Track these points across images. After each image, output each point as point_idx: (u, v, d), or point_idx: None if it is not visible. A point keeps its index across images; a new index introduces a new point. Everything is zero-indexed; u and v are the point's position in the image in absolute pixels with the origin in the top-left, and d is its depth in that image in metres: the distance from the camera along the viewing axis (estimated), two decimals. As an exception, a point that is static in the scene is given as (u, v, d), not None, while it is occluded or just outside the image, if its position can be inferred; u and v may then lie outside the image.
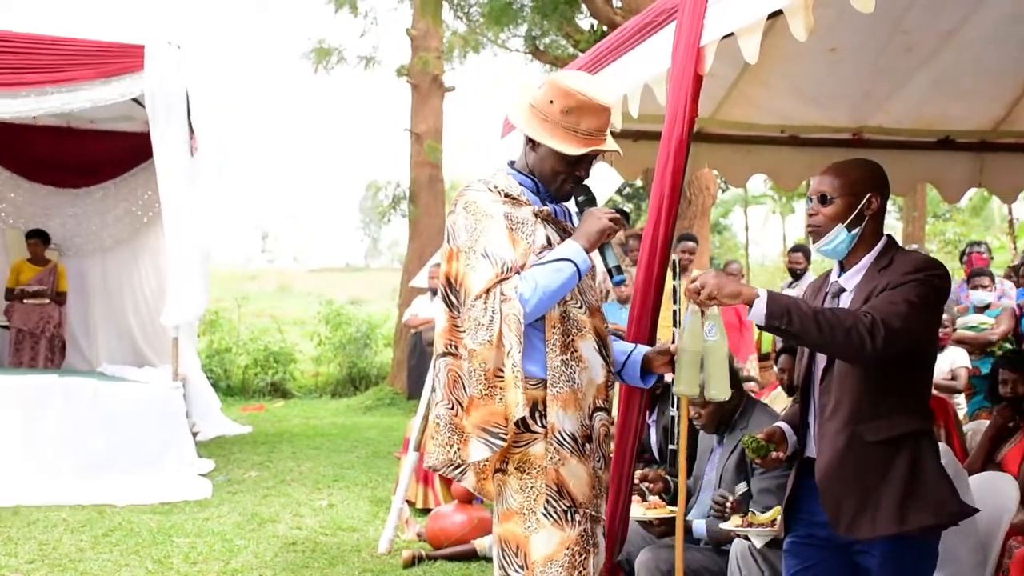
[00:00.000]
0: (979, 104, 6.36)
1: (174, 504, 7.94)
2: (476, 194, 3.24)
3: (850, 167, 3.24)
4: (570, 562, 3.14)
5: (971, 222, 28.26)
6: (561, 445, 3.16)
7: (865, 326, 2.93)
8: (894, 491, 3.04)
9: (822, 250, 3.24)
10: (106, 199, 12.07)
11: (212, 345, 16.82)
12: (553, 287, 3.12)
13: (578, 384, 3.20)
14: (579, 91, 3.18)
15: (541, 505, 3.16)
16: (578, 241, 3.21)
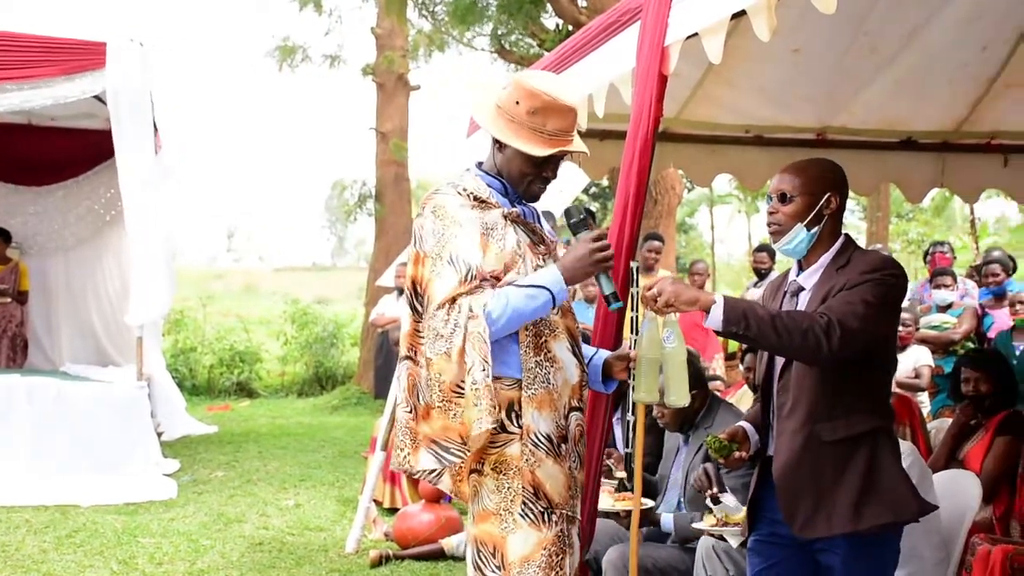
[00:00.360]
0: (941, 105, 6.44)
1: (139, 504, 7.89)
2: (444, 198, 3.21)
3: (809, 166, 3.25)
4: (547, 562, 3.14)
5: (934, 222, 28.56)
6: (536, 446, 3.16)
7: (821, 328, 2.95)
8: (850, 490, 3.06)
9: (782, 249, 3.26)
10: (68, 197, 11.95)
11: (177, 344, 16.70)
12: (524, 312, 3.11)
13: (553, 385, 3.19)
14: (545, 92, 3.16)
15: (518, 506, 3.15)
16: (562, 272, 3.17)
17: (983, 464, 4.93)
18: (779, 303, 3.29)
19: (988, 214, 29.56)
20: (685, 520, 4.43)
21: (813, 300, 3.15)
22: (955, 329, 8.35)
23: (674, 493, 4.75)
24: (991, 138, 6.81)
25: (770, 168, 6.93)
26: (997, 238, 26.82)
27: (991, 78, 6.13)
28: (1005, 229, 29.59)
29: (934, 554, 4.04)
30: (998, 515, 4.93)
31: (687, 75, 5.85)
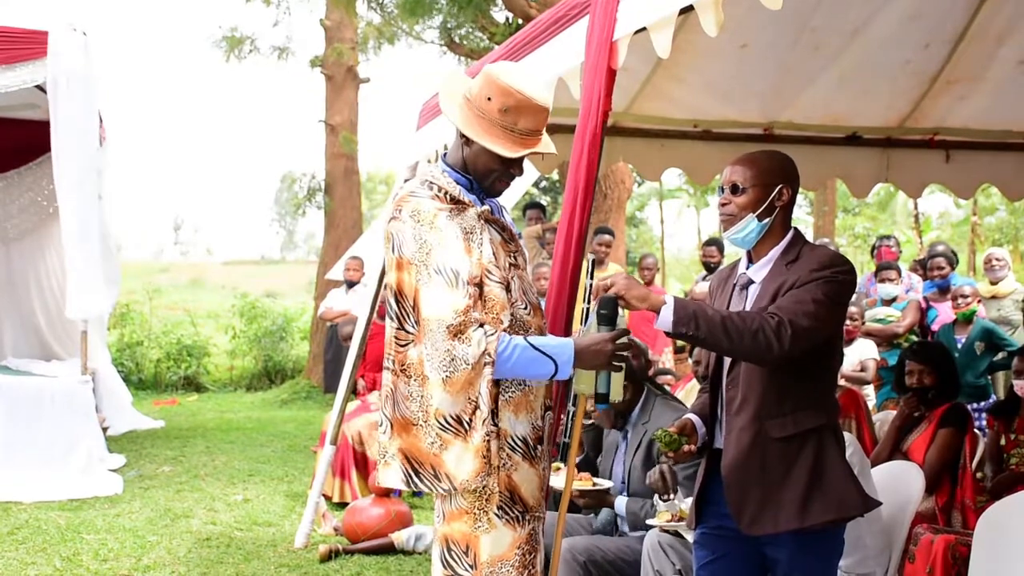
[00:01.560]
0: (885, 101, 6.53)
1: (84, 500, 7.79)
2: (421, 201, 3.12)
3: (762, 158, 3.26)
4: (520, 561, 3.15)
5: (879, 217, 28.97)
6: (513, 450, 3.14)
7: (772, 328, 2.95)
8: (797, 487, 3.08)
9: (732, 239, 3.26)
10: (10, 189, 11.74)
11: (123, 338, 16.50)
12: (523, 373, 3.08)
13: (528, 386, 3.18)
14: (519, 90, 3.10)
15: (494, 505, 3.13)
16: (576, 353, 3.11)
17: (926, 455, 5.00)
18: (728, 296, 3.30)
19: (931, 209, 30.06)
20: (636, 506, 4.46)
21: (763, 295, 3.16)
22: (899, 322, 8.47)
23: (617, 489, 4.78)
24: (934, 134, 6.92)
25: (719, 163, 6.99)
26: (940, 232, 27.28)
27: (933, 75, 6.23)
28: (948, 224, 30.08)
29: (877, 543, 4.09)
30: (940, 505, 5.01)
31: (636, 70, 5.88)
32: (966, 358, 7.67)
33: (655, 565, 4.11)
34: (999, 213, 25.86)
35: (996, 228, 25.97)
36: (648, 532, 4.26)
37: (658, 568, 4.10)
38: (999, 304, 8.73)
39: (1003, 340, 7.80)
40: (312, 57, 16.77)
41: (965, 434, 5.09)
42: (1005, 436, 5.40)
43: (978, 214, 24.30)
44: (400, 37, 16.40)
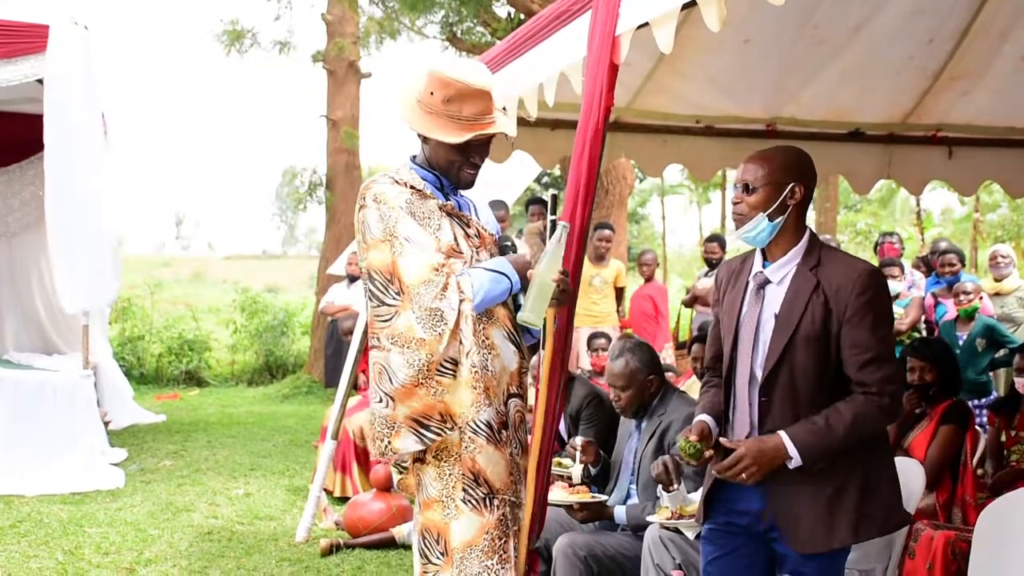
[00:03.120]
0: (887, 97, 6.51)
1: (85, 494, 7.80)
2: (383, 186, 3.28)
3: (775, 155, 3.23)
4: (490, 547, 3.20)
5: (880, 213, 28.93)
6: (476, 433, 3.20)
7: (875, 410, 3.03)
8: (849, 503, 3.09)
9: (743, 238, 3.24)
10: (11, 183, 11.73)
11: (124, 333, 16.50)
12: (492, 295, 3.22)
13: (491, 372, 3.24)
14: (455, 78, 3.23)
15: (459, 492, 3.20)
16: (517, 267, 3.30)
17: (927, 452, 5.01)
18: (741, 292, 3.27)
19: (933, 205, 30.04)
20: (636, 511, 4.46)
21: (789, 305, 3.13)
22: (902, 319, 8.47)
23: (626, 478, 4.79)
24: (936, 131, 6.91)
25: (720, 159, 7.00)
26: (942, 229, 27.25)
27: (937, 71, 6.22)
28: (950, 220, 30.06)
29: (878, 540, 4.09)
30: (941, 502, 5.01)
31: (638, 65, 5.87)
32: (967, 355, 7.67)
33: (655, 559, 4.11)
34: (1001, 210, 25.83)
35: (998, 225, 25.93)
36: (649, 527, 4.26)
37: (658, 562, 4.10)
38: (1002, 301, 8.72)
39: (1004, 337, 7.80)
40: (314, 52, 16.73)
41: (966, 431, 5.09)
42: (1006, 433, 5.41)
43: (980, 211, 24.27)
44: (402, 32, 16.36)
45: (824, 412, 3.05)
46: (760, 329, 3.18)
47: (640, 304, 10.67)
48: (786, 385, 3.13)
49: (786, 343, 3.10)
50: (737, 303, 3.27)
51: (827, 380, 3.11)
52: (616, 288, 10.09)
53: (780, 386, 3.14)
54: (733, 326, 3.25)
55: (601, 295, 9.87)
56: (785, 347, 3.11)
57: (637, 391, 4.68)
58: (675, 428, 4.50)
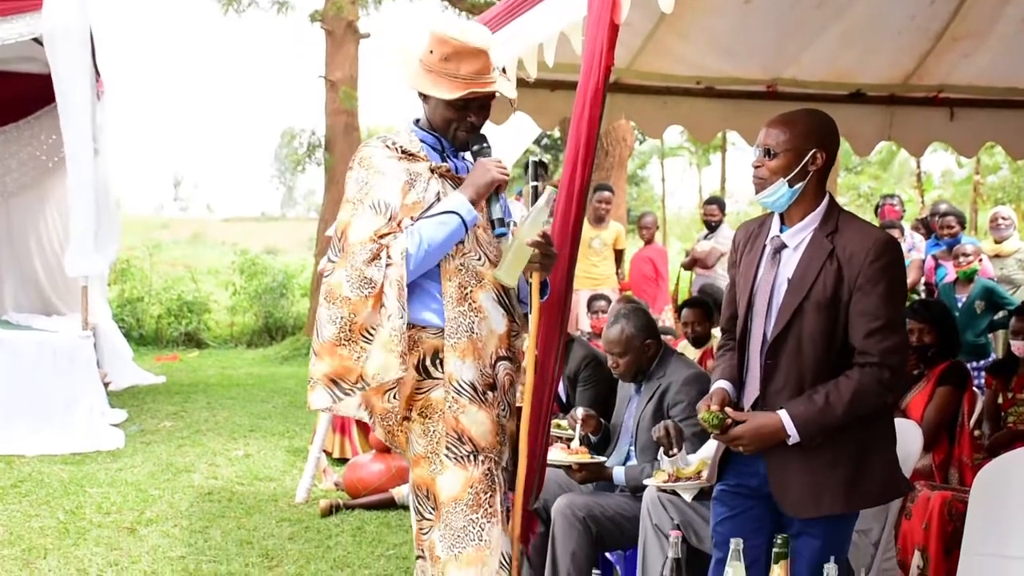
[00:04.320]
0: (889, 58, 6.47)
1: (86, 454, 7.83)
2: (371, 150, 3.34)
3: (798, 120, 3.19)
4: (475, 500, 3.24)
5: (882, 176, 28.85)
6: (459, 393, 3.26)
7: (875, 383, 3.04)
8: (844, 471, 3.11)
9: (762, 202, 3.23)
10: (8, 143, 11.68)
11: (124, 294, 16.51)
12: (438, 239, 3.22)
13: (477, 334, 3.29)
14: (453, 37, 3.26)
15: (443, 447, 3.25)
16: (464, 192, 3.29)
17: (924, 413, 5.02)
18: (757, 255, 3.27)
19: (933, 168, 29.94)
20: (635, 472, 4.47)
21: (803, 269, 3.13)
22: (900, 281, 8.44)
23: (625, 440, 4.80)
24: (938, 91, 6.87)
25: (720, 120, 6.96)
26: (942, 191, 27.18)
27: (939, 31, 6.17)
28: (950, 183, 29.99)
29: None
30: (938, 463, 5.03)
31: (639, 25, 5.82)
32: (966, 317, 7.68)
33: (654, 520, 4.13)
34: (1002, 172, 25.73)
35: (998, 187, 25.84)
36: (647, 488, 4.28)
37: (657, 523, 4.12)
38: (1002, 263, 8.71)
39: (1003, 299, 7.80)
40: (312, 12, 16.59)
41: (963, 392, 5.11)
42: (1003, 394, 5.42)
43: (980, 173, 24.20)
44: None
45: (825, 388, 3.06)
46: (774, 293, 3.19)
47: (640, 266, 10.66)
48: (793, 350, 3.13)
49: (796, 308, 3.11)
50: (753, 266, 3.26)
51: (834, 348, 3.11)
52: (615, 250, 10.08)
53: (787, 350, 3.14)
54: (748, 289, 3.26)
55: (600, 257, 9.86)
56: (795, 312, 3.11)
57: (635, 357, 4.68)
58: (674, 390, 4.51)
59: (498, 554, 3.26)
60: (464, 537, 3.23)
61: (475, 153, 3.40)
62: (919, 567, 4.34)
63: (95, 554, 5.54)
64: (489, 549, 3.24)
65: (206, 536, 5.87)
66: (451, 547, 3.24)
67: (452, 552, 3.24)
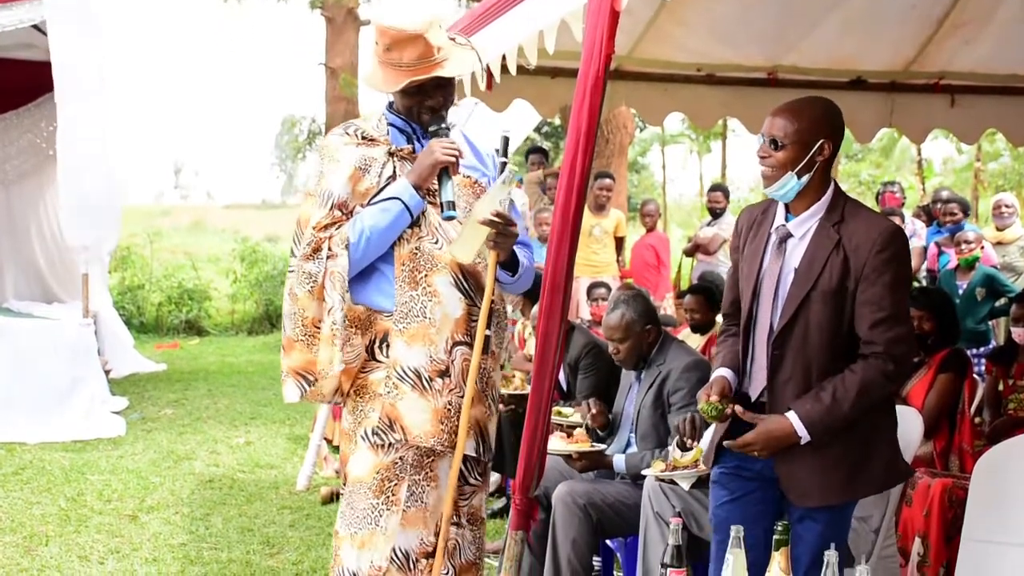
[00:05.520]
0: (889, 45, 6.45)
1: (87, 442, 7.85)
2: (331, 138, 3.36)
3: (804, 111, 3.15)
4: (379, 486, 3.23)
5: (884, 163, 28.77)
6: (401, 379, 3.23)
7: (880, 375, 3.04)
8: (848, 459, 3.12)
9: (771, 194, 3.21)
10: (8, 130, 11.66)
11: (124, 282, 16.50)
12: (381, 227, 3.21)
13: (430, 319, 3.25)
14: (388, 26, 3.22)
15: (363, 429, 3.26)
16: (408, 177, 3.26)
17: (925, 400, 5.02)
18: (762, 244, 3.25)
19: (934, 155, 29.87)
20: (636, 460, 4.48)
21: (809, 259, 3.12)
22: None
23: (626, 428, 4.80)
24: (939, 78, 6.85)
25: (721, 107, 6.95)
26: (943, 178, 27.12)
27: (940, 18, 6.15)
28: (951, 170, 29.92)
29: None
30: (938, 450, 5.03)
31: (639, 12, 5.81)
32: (967, 304, 7.68)
33: (655, 507, 4.14)
34: (1003, 159, 25.67)
35: (999, 174, 25.78)
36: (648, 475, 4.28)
37: (658, 510, 4.13)
38: (1004, 250, 8.71)
39: (1004, 286, 7.80)
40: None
41: (964, 379, 5.11)
42: (1003, 382, 5.42)
43: (981, 160, 24.13)
44: (401, -22, 16.15)
45: (831, 384, 3.06)
46: (780, 283, 3.17)
47: (642, 254, 10.66)
48: (799, 340, 3.13)
49: (803, 298, 3.10)
50: (759, 255, 3.25)
51: (840, 337, 3.11)
52: (616, 238, 10.07)
53: (794, 340, 3.14)
54: (754, 278, 3.24)
55: (601, 245, 9.85)
56: (802, 302, 3.11)
57: (635, 342, 4.68)
58: (674, 377, 4.51)
59: (392, 543, 3.23)
60: (363, 519, 3.24)
61: (431, 135, 3.34)
62: (919, 554, 4.34)
63: (96, 541, 5.55)
64: (384, 536, 3.23)
65: (207, 523, 5.89)
66: (348, 525, 3.27)
67: (349, 531, 3.27)
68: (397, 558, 3.24)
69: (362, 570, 3.24)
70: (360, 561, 3.24)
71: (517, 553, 3.48)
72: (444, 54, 3.29)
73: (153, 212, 37.71)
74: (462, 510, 3.39)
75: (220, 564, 5.23)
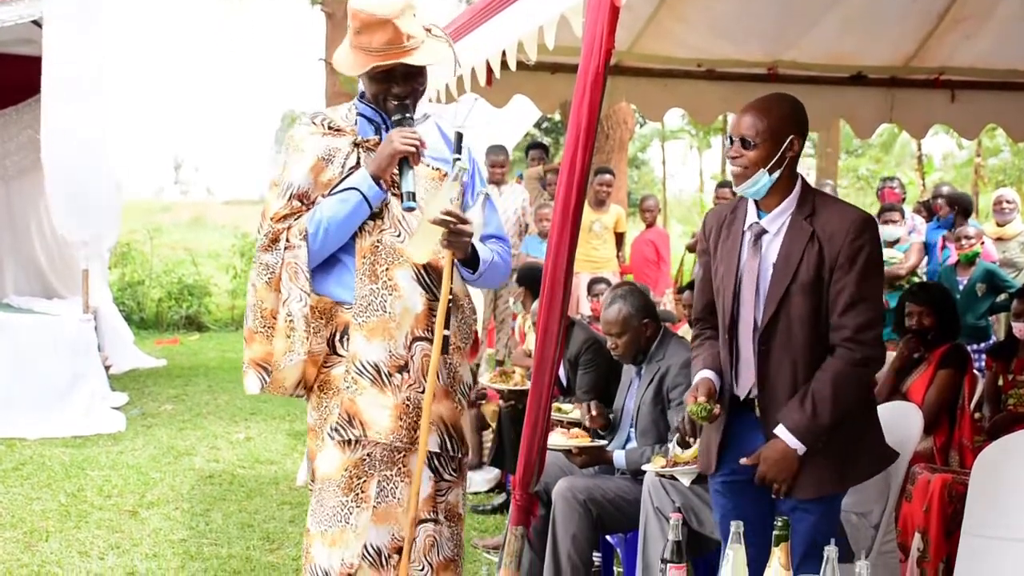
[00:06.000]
0: (890, 40, 6.44)
1: (87, 438, 7.85)
2: (297, 128, 3.34)
3: (771, 108, 3.21)
4: (347, 484, 3.21)
5: (884, 159, 28.75)
6: (360, 374, 3.21)
7: (856, 361, 3.11)
8: (838, 447, 3.18)
9: (744, 193, 3.25)
10: (8, 126, 11.62)
11: (124, 278, 16.48)
12: (339, 217, 3.19)
13: (390, 313, 3.22)
14: (359, 9, 3.19)
15: (328, 425, 3.24)
16: (368, 168, 3.23)
17: (925, 396, 5.02)
18: (737, 243, 3.28)
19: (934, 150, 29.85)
20: (636, 455, 4.48)
21: (786, 254, 3.17)
22: (901, 264, 8.46)
23: (626, 423, 4.80)
24: (939, 74, 6.84)
25: (722, 103, 6.94)
26: (943, 174, 27.11)
27: (940, 13, 6.14)
28: (951, 165, 29.91)
29: (877, 482, 4.11)
30: (938, 445, 5.03)
31: (639, 8, 5.80)
32: (967, 299, 7.67)
33: (655, 503, 4.14)
34: (1003, 154, 25.66)
35: (999, 169, 25.78)
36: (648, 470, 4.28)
37: (658, 505, 4.13)
38: (1005, 246, 8.71)
39: (1004, 281, 7.80)
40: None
41: (964, 375, 5.10)
42: (1003, 377, 5.41)
43: (981, 155, 24.12)
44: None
45: (809, 389, 3.13)
46: (760, 280, 3.21)
47: (642, 249, 10.66)
48: (784, 334, 3.17)
49: (783, 293, 3.15)
50: (735, 254, 3.28)
51: (823, 328, 3.16)
52: (616, 233, 10.07)
53: (778, 335, 3.18)
54: (733, 278, 3.27)
55: (601, 240, 9.84)
56: (783, 296, 3.15)
57: (633, 337, 4.68)
58: (673, 372, 4.51)
59: (363, 540, 3.20)
60: (332, 517, 3.22)
61: (395, 124, 3.30)
62: (919, 549, 4.34)
63: (96, 537, 5.56)
64: (355, 533, 3.21)
65: (207, 519, 5.89)
66: (319, 523, 3.25)
67: (319, 528, 3.25)
68: (369, 554, 3.22)
69: (334, 568, 3.21)
70: (331, 559, 3.21)
71: (517, 549, 3.47)
72: (414, 43, 3.24)
73: (153, 208, 37.68)
74: (439, 506, 3.36)
75: (220, 560, 5.24)
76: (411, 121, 3.30)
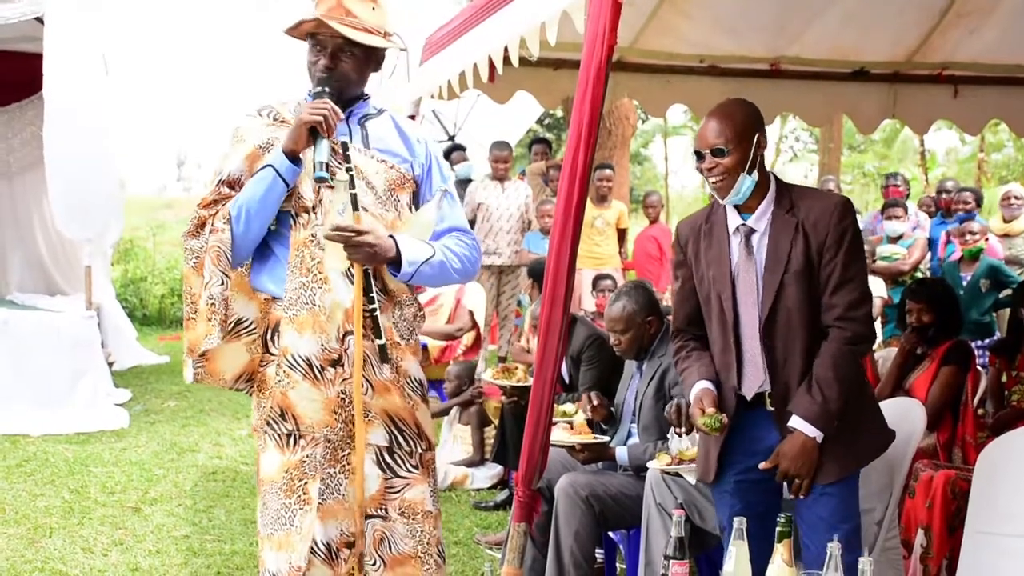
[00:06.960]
0: (892, 35, 6.43)
1: (90, 434, 7.86)
2: (242, 120, 3.34)
3: (733, 112, 3.31)
4: (288, 486, 3.18)
5: (886, 154, 28.73)
6: (292, 368, 3.18)
7: (848, 339, 3.18)
8: (849, 428, 3.23)
9: (732, 202, 3.28)
10: (11, 123, 11.62)
11: (127, 274, 16.50)
12: (257, 197, 3.15)
13: (320, 306, 3.18)
14: None
15: (264, 423, 3.22)
16: (282, 144, 3.19)
17: (928, 393, 5.01)
18: (723, 247, 3.31)
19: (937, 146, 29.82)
20: (638, 451, 4.49)
21: (772, 247, 3.23)
22: (904, 260, 8.45)
23: (628, 419, 4.81)
24: (942, 69, 6.83)
25: (724, 98, 6.91)
26: (946, 169, 27.09)
27: (943, 8, 6.13)
28: (954, 161, 29.88)
29: (880, 479, 4.12)
30: (942, 442, 5.03)
31: (641, 4, 5.79)
32: (971, 295, 7.66)
33: (658, 499, 4.14)
34: (1006, 149, 25.65)
35: (1003, 165, 25.78)
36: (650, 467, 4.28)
37: (660, 502, 4.13)
38: (1011, 242, 8.68)
39: (1009, 277, 7.79)
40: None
41: (967, 372, 5.10)
42: (1006, 373, 5.41)
43: (985, 150, 24.10)
44: (403, -31, 16.14)
45: (812, 377, 3.18)
46: (758, 278, 3.26)
47: (644, 245, 10.66)
48: (784, 326, 3.22)
49: (778, 285, 3.20)
50: (723, 259, 3.31)
51: (816, 311, 3.23)
52: (618, 229, 10.07)
53: (779, 327, 3.23)
54: (728, 281, 3.29)
55: (603, 236, 9.85)
56: (778, 289, 3.20)
57: (636, 333, 4.69)
58: (675, 369, 4.51)
59: (309, 541, 3.15)
60: (277, 520, 3.19)
61: (313, 96, 3.24)
62: (922, 546, 4.34)
63: (100, 533, 5.57)
64: (300, 536, 3.16)
65: (210, 515, 5.90)
66: (265, 526, 3.23)
67: (266, 532, 3.23)
68: (319, 551, 3.18)
69: (282, 571, 3.17)
70: (279, 562, 3.18)
71: (520, 545, 3.48)
72: (353, 22, 3.20)
73: (156, 205, 37.66)
74: (391, 503, 3.27)
75: (223, 556, 5.25)
76: (327, 95, 3.21)
